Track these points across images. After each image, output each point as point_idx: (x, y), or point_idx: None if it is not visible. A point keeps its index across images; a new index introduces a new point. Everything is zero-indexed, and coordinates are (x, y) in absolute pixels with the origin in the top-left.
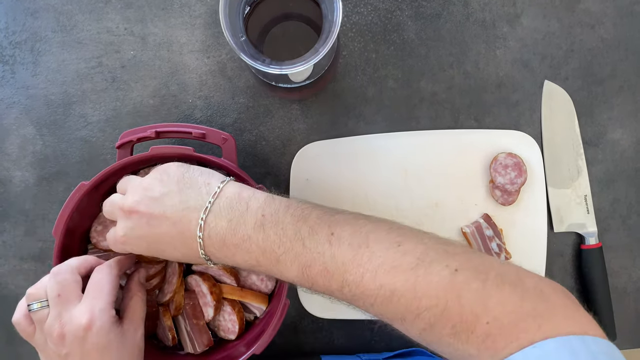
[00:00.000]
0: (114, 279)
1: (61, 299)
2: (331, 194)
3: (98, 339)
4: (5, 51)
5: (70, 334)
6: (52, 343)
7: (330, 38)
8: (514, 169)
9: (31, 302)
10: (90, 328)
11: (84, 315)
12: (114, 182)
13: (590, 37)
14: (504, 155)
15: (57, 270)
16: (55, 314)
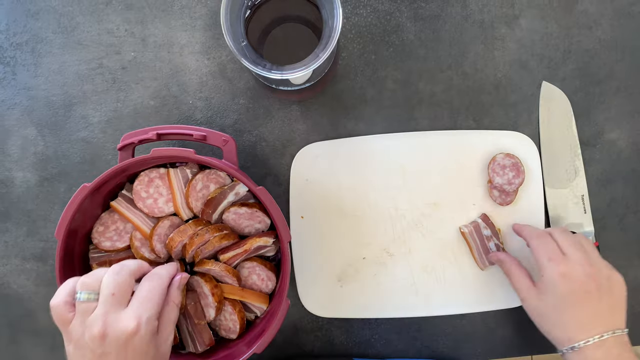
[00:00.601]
0: (164, 290)
1: (114, 298)
2: (331, 195)
3: (139, 347)
4: (6, 52)
5: (112, 336)
6: (90, 339)
7: (331, 43)
8: (511, 169)
9: (81, 291)
10: (134, 335)
11: (131, 321)
12: (116, 183)
13: (587, 38)
14: (502, 156)
15: (117, 269)
16: (102, 311)
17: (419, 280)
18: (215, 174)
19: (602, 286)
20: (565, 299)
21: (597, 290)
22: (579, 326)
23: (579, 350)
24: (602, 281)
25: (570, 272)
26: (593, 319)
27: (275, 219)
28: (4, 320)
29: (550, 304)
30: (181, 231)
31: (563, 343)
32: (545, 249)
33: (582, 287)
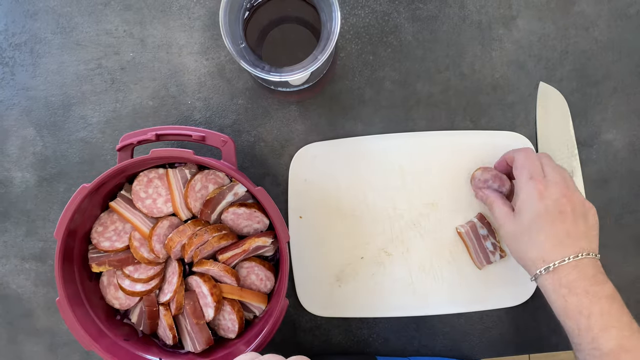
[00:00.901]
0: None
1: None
2: (329, 195)
3: None
4: (5, 53)
5: None
6: None
7: (329, 46)
8: (494, 180)
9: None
10: None
11: None
12: (115, 184)
13: (584, 39)
14: (480, 172)
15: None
16: None
17: (417, 280)
18: (214, 174)
19: (576, 209)
20: (541, 217)
21: (572, 212)
22: (554, 245)
23: (554, 270)
24: (577, 205)
25: (547, 191)
26: (568, 239)
27: (274, 219)
28: (3, 320)
29: (525, 224)
30: (180, 231)
31: (537, 264)
32: (530, 167)
33: (557, 207)
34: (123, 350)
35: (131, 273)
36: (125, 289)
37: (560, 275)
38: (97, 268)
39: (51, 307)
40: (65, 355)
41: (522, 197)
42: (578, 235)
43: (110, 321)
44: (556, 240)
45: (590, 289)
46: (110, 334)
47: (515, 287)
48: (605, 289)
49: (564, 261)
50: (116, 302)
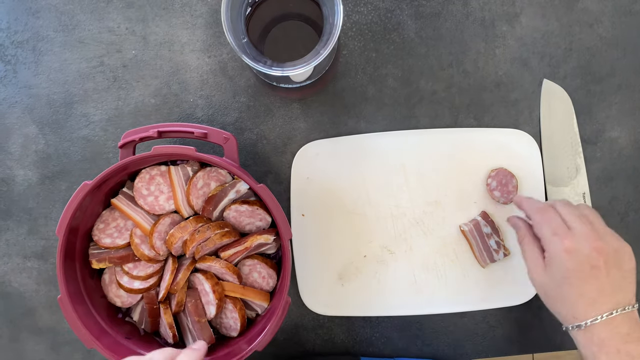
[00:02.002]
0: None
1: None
2: (332, 193)
3: None
4: (7, 51)
5: None
6: None
7: (331, 40)
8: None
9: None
10: None
11: None
12: (117, 181)
13: (589, 36)
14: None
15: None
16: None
17: (420, 279)
18: (216, 171)
19: (609, 260)
20: (571, 274)
21: (604, 264)
22: (586, 304)
23: (586, 329)
24: (610, 254)
25: (576, 246)
26: (600, 296)
27: (276, 216)
28: (5, 319)
29: (555, 280)
30: (182, 227)
31: (568, 320)
32: (549, 223)
33: (588, 262)
34: (125, 348)
35: (130, 270)
36: (124, 285)
37: (593, 333)
38: (97, 265)
39: (53, 306)
40: (67, 353)
41: (550, 253)
42: (613, 289)
43: (112, 319)
44: (588, 298)
45: (623, 347)
46: (112, 332)
47: (519, 286)
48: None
49: (596, 320)
50: (118, 300)
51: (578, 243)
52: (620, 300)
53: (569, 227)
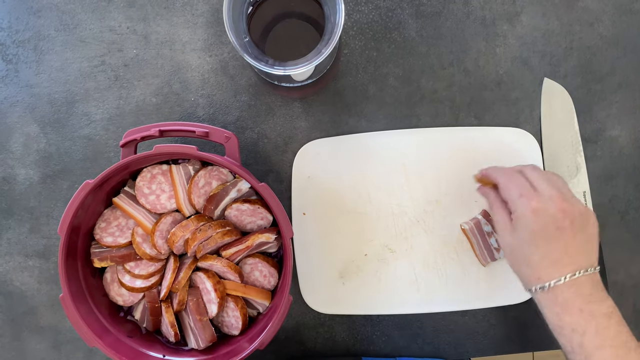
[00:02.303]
0: None
1: None
2: (333, 191)
3: None
4: (8, 50)
5: None
6: None
7: (333, 39)
8: None
9: None
10: None
11: None
12: (118, 180)
13: (589, 34)
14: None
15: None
16: None
17: (421, 277)
18: (218, 170)
19: (575, 222)
20: (537, 235)
21: (570, 226)
22: (550, 264)
23: (549, 290)
24: (576, 217)
25: (542, 207)
26: (565, 257)
27: (278, 215)
28: (7, 317)
29: (522, 241)
30: (183, 226)
31: (532, 282)
32: (516, 184)
33: (554, 223)
34: (126, 347)
35: (132, 269)
36: (125, 284)
37: (556, 294)
38: (99, 263)
39: (55, 304)
40: (69, 352)
41: (517, 214)
42: (576, 251)
43: (114, 318)
44: (553, 259)
45: (586, 307)
46: (113, 331)
47: (519, 284)
48: (602, 307)
49: (559, 280)
50: (120, 299)
51: (544, 203)
52: (583, 262)
53: (536, 189)
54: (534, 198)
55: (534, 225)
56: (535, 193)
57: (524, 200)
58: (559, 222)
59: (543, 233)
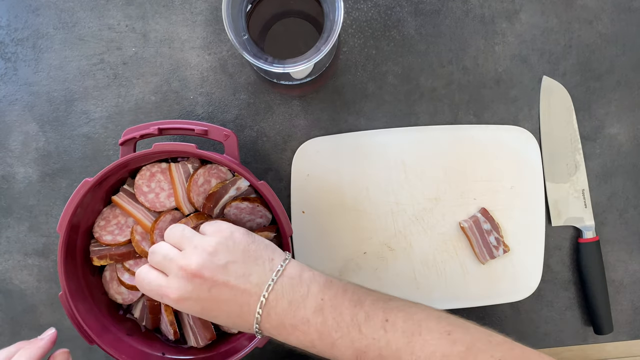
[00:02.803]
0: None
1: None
2: (332, 190)
3: None
4: (7, 48)
5: None
6: None
7: (332, 37)
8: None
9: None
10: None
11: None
12: (117, 178)
13: (588, 32)
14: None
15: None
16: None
17: (420, 275)
18: (217, 168)
19: (216, 274)
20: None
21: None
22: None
23: (262, 322)
24: (213, 269)
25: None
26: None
27: (277, 213)
28: (6, 316)
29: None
30: (182, 223)
31: (248, 327)
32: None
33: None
34: (126, 345)
35: (131, 267)
36: (125, 282)
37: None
38: (98, 262)
39: (54, 303)
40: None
41: None
42: (241, 296)
43: (113, 316)
44: (231, 314)
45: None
46: (113, 329)
47: (518, 282)
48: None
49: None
50: (119, 297)
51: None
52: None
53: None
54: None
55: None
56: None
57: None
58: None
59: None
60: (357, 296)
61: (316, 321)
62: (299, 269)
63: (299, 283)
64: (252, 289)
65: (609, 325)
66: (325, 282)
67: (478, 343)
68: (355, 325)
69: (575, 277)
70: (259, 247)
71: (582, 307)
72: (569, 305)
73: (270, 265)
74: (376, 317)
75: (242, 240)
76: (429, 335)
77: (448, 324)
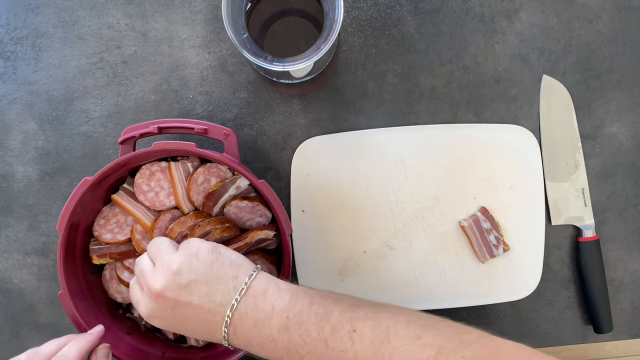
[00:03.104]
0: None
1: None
2: (332, 189)
3: None
4: (6, 47)
5: None
6: None
7: (332, 36)
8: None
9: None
10: None
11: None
12: (117, 177)
13: (588, 31)
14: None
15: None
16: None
17: (420, 274)
18: (217, 167)
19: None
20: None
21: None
22: (205, 331)
23: (232, 330)
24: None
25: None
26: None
27: (277, 212)
28: (5, 315)
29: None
30: (181, 222)
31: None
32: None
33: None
34: (126, 344)
35: (131, 265)
36: (124, 280)
37: (236, 331)
38: (97, 260)
39: (54, 302)
40: None
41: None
42: (206, 307)
43: (113, 315)
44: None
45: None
46: (113, 328)
47: (518, 281)
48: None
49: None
50: (119, 296)
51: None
52: (223, 298)
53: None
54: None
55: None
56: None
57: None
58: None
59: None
60: (324, 308)
61: (282, 339)
62: (264, 285)
63: (263, 301)
64: (217, 308)
65: (608, 324)
66: (290, 298)
67: (449, 344)
68: (322, 340)
69: (575, 276)
70: (223, 265)
71: (582, 306)
72: (568, 304)
73: (234, 284)
74: (343, 329)
75: (205, 258)
76: (397, 341)
77: (418, 327)
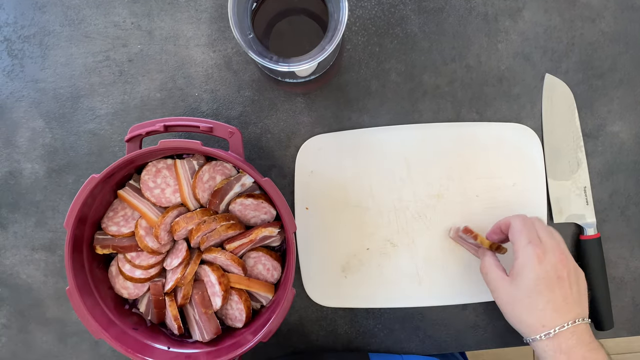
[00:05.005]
0: None
1: None
2: (335, 186)
3: None
4: (14, 45)
5: None
6: None
7: (336, 36)
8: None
9: None
10: None
11: None
12: (124, 174)
13: (590, 30)
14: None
15: None
16: None
17: (423, 271)
18: (222, 165)
19: (571, 275)
20: (541, 282)
21: (567, 277)
22: (554, 310)
23: (554, 336)
24: (572, 270)
25: (545, 255)
26: (565, 305)
27: (281, 209)
28: (13, 310)
29: (524, 289)
30: (188, 217)
31: (536, 330)
32: (527, 232)
33: (555, 272)
34: (132, 339)
35: (133, 259)
36: (125, 273)
37: (560, 341)
38: (101, 250)
39: (61, 297)
40: (74, 344)
41: (521, 261)
42: (574, 300)
43: (119, 310)
44: (556, 305)
45: (589, 355)
46: (119, 323)
47: None
48: (599, 355)
49: (563, 327)
50: (125, 292)
51: (548, 253)
52: (580, 312)
53: (540, 239)
54: (539, 246)
55: (539, 272)
56: (540, 242)
57: (531, 247)
58: (559, 271)
59: (546, 280)
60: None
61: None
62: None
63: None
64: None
65: (609, 322)
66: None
67: None
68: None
69: None
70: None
71: None
72: None
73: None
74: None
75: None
76: None
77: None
